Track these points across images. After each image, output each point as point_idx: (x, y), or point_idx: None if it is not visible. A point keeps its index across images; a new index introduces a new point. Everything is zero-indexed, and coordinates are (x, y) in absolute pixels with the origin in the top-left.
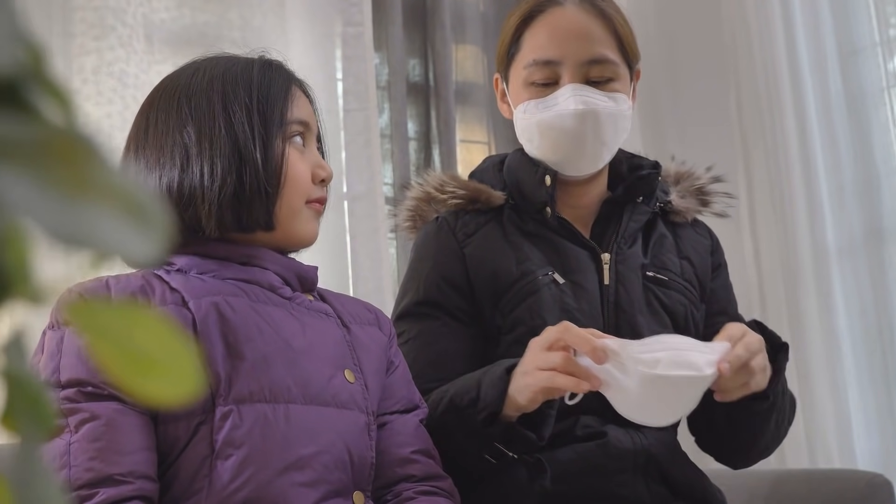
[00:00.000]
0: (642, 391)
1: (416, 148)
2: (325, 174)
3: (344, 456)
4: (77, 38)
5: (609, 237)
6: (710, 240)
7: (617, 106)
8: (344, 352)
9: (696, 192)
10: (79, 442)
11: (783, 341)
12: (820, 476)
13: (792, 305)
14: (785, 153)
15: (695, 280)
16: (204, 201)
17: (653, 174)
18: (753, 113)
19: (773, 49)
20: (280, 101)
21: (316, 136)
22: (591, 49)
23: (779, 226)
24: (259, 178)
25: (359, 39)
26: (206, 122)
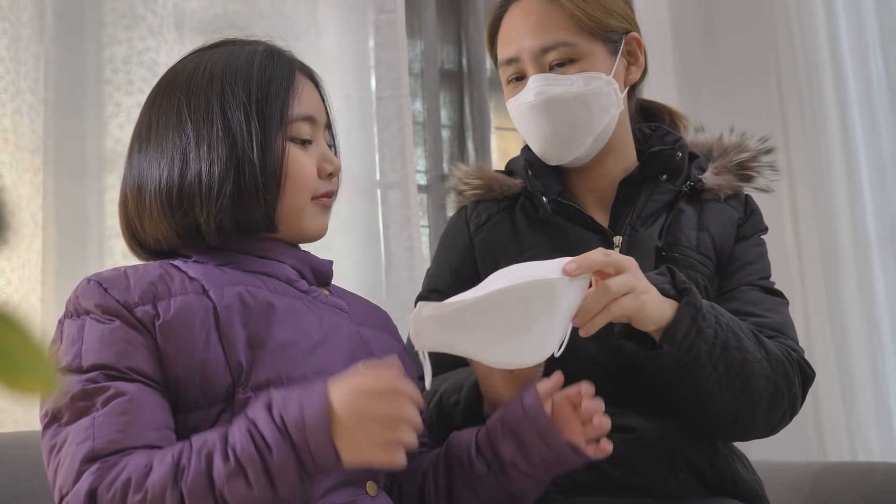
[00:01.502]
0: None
1: (450, 136)
2: (332, 168)
3: None
4: (107, 28)
5: (625, 219)
6: (744, 212)
7: (584, 86)
8: (357, 346)
9: (737, 167)
10: (104, 416)
11: (686, 286)
12: (860, 469)
13: (832, 296)
14: (825, 140)
15: (712, 252)
16: (202, 206)
17: (667, 151)
18: (793, 98)
19: (813, 33)
20: (281, 99)
21: (326, 125)
22: (542, 37)
23: (819, 214)
24: (257, 181)
25: (391, 27)
26: (205, 125)
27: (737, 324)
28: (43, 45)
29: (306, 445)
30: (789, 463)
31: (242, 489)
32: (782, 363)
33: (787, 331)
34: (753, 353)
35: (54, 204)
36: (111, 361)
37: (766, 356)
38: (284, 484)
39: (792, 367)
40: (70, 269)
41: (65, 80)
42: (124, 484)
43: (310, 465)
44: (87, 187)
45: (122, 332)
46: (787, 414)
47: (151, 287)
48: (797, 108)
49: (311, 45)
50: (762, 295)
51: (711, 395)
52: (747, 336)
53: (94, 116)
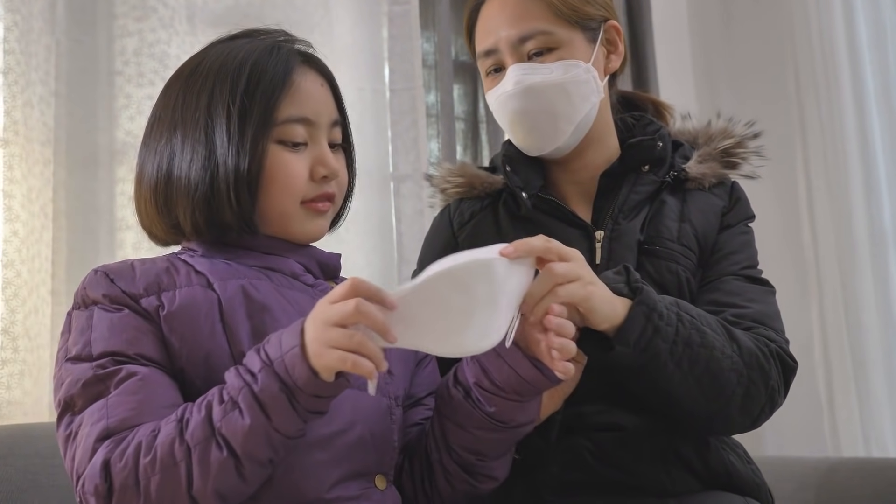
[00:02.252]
0: (434, 307)
1: (464, 128)
2: (325, 171)
3: (365, 437)
4: (119, 20)
5: (607, 212)
6: (729, 200)
7: (563, 74)
8: None
9: (722, 155)
10: (117, 396)
11: (639, 285)
12: (873, 466)
13: (848, 290)
14: (842, 133)
15: (694, 243)
16: (181, 204)
17: (646, 142)
18: (810, 91)
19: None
20: (268, 100)
21: (335, 123)
22: (519, 27)
23: (835, 208)
24: (229, 183)
25: (405, 18)
26: (192, 124)
27: (704, 319)
28: (54, 36)
29: (283, 365)
30: (803, 458)
31: (237, 421)
32: (756, 356)
33: (768, 321)
34: (722, 348)
35: (65, 196)
36: (121, 348)
37: (737, 351)
38: (275, 410)
39: (768, 360)
40: (80, 261)
41: (76, 72)
42: (135, 450)
43: (293, 385)
44: (98, 179)
45: (131, 320)
46: (767, 407)
47: (157, 279)
48: (814, 101)
49: (323, 37)
50: (745, 284)
51: (679, 394)
52: (715, 331)
53: (105, 108)
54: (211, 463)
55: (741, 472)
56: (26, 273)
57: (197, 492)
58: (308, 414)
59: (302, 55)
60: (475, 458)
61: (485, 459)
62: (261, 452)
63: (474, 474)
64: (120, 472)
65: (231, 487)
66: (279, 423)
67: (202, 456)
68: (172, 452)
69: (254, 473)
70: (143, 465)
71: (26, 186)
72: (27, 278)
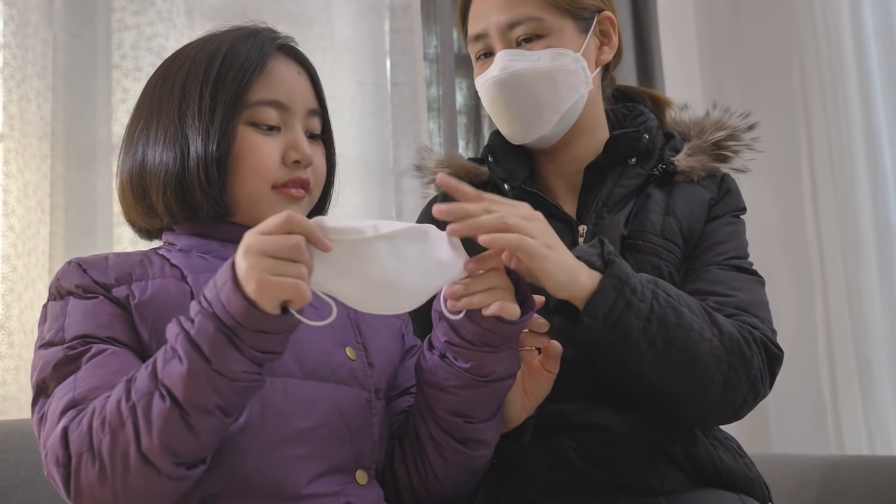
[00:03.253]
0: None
1: (466, 122)
2: (297, 156)
3: (343, 431)
4: (116, 13)
5: (591, 206)
6: (717, 192)
7: (551, 62)
8: (346, 329)
9: (712, 147)
10: (85, 370)
11: (611, 257)
12: (876, 464)
13: (853, 286)
14: (847, 126)
15: (678, 237)
16: (153, 185)
17: (630, 134)
18: (815, 84)
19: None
20: (239, 81)
21: (312, 112)
22: (509, 12)
23: (840, 202)
24: (199, 164)
25: (407, 11)
26: (165, 110)
27: (682, 299)
28: (52, 30)
29: (220, 303)
30: (805, 456)
31: (176, 367)
32: (737, 342)
33: (753, 308)
34: (700, 331)
35: (62, 191)
36: (93, 331)
37: (718, 335)
38: (215, 351)
39: (751, 347)
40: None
41: (73, 66)
42: (90, 415)
43: (232, 323)
44: (96, 174)
45: (105, 306)
46: (749, 397)
47: (129, 270)
48: (819, 95)
49: (323, 30)
50: (730, 273)
51: (653, 375)
52: (695, 313)
53: (103, 103)
54: (154, 416)
55: (731, 468)
56: (22, 268)
57: (146, 448)
58: (257, 354)
59: (280, 44)
60: (463, 421)
61: (472, 421)
62: (204, 398)
63: (465, 441)
64: (76, 440)
65: (180, 441)
66: (220, 364)
67: (145, 410)
68: (119, 411)
69: (202, 424)
70: (95, 428)
71: (23, 181)
72: (23, 273)
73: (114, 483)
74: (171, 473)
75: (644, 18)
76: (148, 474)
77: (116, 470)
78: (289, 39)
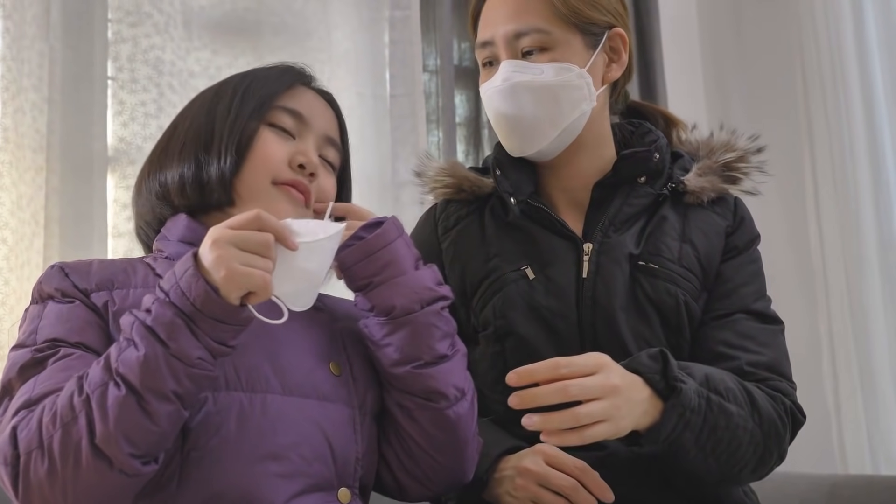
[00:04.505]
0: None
1: (466, 133)
2: (303, 160)
3: (324, 448)
4: (113, 25)
5: (597, 224)
6: (733, 219)
7: (554, 76)
8: (330, 345)
9: (723, 168)
10: (47, 372)
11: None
12: (880, 483)
13: (855, 300)
14: (850, 140)
15: (696, 266)
16: (173, 160)
17: (641, 153)
18: (818, 97)
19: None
20: (268, 88)
21: (327, 140)
22: (516, 22)
23: (843, 216)
24: (220, 150)
25: (406, 23)
26: (198, 105)
27: (731, 394)
28: (48, 42)
29: (178, 291)
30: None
31: (132, 354)
32: (775, 425)
33: (781, 367)
34: (744, 425)
35: (57, 203)
36: (63, 335)
37: (758, 421)
38: (172, 336)
39: (784, 423)
40: None
41: (70, 78)
42: (39, 413)
43: (188, 308)
44: (92, 186)
45: (81, 312)
46: (775, 465)
47: (111, 276)
48: (821, 107)
49: (321, 42)
50: (756, 325)
51: (695, 466)
52: (740, 405)
53: (99, 115)
54: (109, 404)
55: (730, 492)
56: (15, 281)
57: (101, 439)
58: (212, 343)
59: (312, 83)
60: (411, 368)
61: (419, 365)
62: (161, 383)
63: (425, 394)
64: (25, 437)
65: (138, 428)
66: (176, 348)
67: (100, 400)
68: (72, 405)
69: (159, 410)
70: (45, 423)
71: (16, 193)
72: (16, 286)
73: (64, 480)
74: (124, 466)
75: (647, 33)
76: (99, 468)
77: (67, 465)
78: (322, 84)
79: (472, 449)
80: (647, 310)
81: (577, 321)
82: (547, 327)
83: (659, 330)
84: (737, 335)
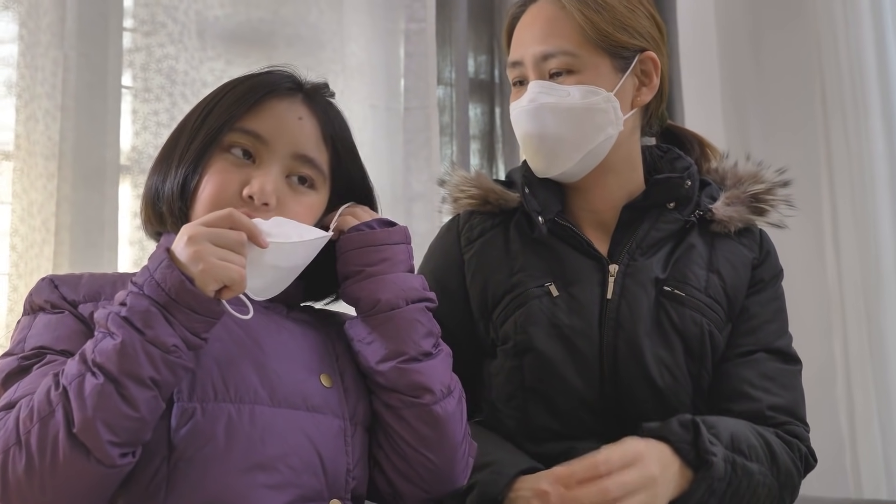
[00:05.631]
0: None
1: (480, 147)
2: (249, 191)
3: (314, 459)
4: (128, 34)
5: (624, 246)
6: (759, 252)
7: (580, 99)
8: (322, 356)
9: (751, 199)
10: (30, 377)
11: (707, 457)
12: None
13: (874, 326)
14: (870, 166)
15: (722, 296)
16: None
17: (674, 179)
18: (838, 122)
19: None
20: (231, 109)
21: (297, 158)
22: (545, 44)
23: (861, 242)
24: (173, 177)
25: (421, 36)
26: (178, 125)
27: (754, 453)
28: (62, 50)
29: (152, 281)
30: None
31: (108, 343)
32: (791, 476)
33: (798, 411)
34: (765, 481)
35: (69, 210)
36: (50, 343)
37: (776, 475)
38: (148, 324)
39: (798, 471)
40: None
41: (83, 86)
42: (17, 411)
43: (163, 298)
44: (103, 194)
45: (69, 322)
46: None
47: (100, 289)
48: (842, 132)
49: (335, 54)
50: (778, 366)
51: None
52: (761, 462)
53: (112, 123)
54: (87, 393)
55: None
56: (23, 288)
57: (79, 428)
58: (187, 333)
59: (301, 88)
60: (397, 363)
61: (405, 360)
62: (139, 369)
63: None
64: (3, 437)
65: (117, 415)
66: (153, 335)
67: (78, 390)
68: (49, 399)
69: (138, 396)
70: (21, 420)
71: (27, 200)
72: (24, 293)
73: (41, 474)
74: (102, 455)
75: None
76: (77, 459)
77: (45, 459)
78: (319, 88)
79: (463, 451)
80: (671, 336)
81: (598, 341)
82: (567, 345)
83: (681, 357)
84: (759, 376)
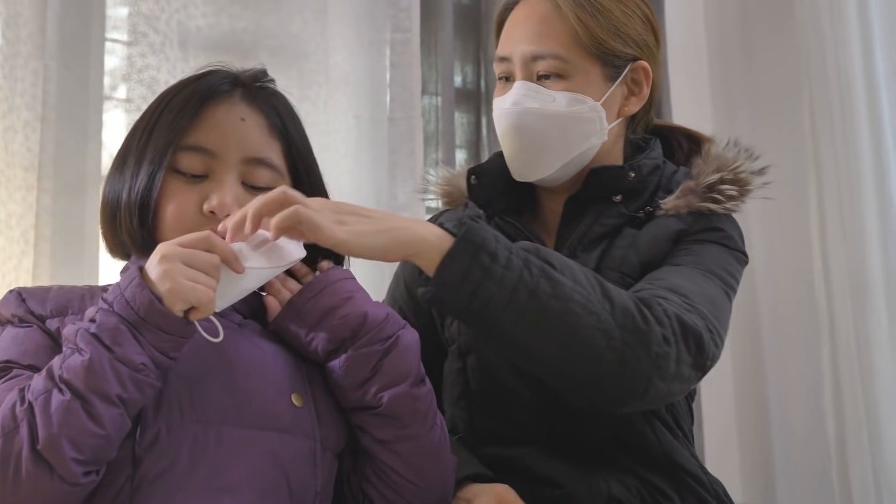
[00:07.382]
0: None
1: (466, 157)
2: (209, 206)
3: (280, 482)
4: (108, 45)
5: (566, 242)
6: (692, 223)
7: (565, 107)
8: (293, 376)
9: (704, 191)
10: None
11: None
12: None
13: (861, 334)
14: (857, 169)
15: (636, 271)
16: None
17: (613, 170)
18: (825, 126)
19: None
20: (172, 126)
21: (247, 162)
22: (535, 44)
23: (849, 247)
24: (124, 207)
25: (406, 46)
26: (123, 146)
27: (567, 269)
28: (43, 61)
29: (122, 299)
30: None
31: (76, 359)
32: (632, 317)
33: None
34: (584, 303)
35: (49, 222)
36: (16, 357)
37: (609, 308)
38: (116, 341)
39: (647, 321)
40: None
41: (64, 97)
42: None
43: (132, 316)
44: (84, 205)
45: (37, 336)
46: (656, 378)
47: (67, 303)
48: (829, 139)
49: (319, 65)
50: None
51: (531, 353)
52: (581, 284)
53: (93, 134)
54: (53, 409)
55: None
56: None
57: (44, 445)
58: (155, 352)
59: (241, 85)
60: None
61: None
62: (107, 386)
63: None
64: None
65: (83, 432)
66: (122, 353)
67: (44, 405)
68: (14, 415)
69: (105, 414)
70: None
71: (5, 212)
72: None
73: (3, 490)
74: (65, 473)
75: None
76: (40, 476)
77: (7, 475)
78: (257, 78)
79: (452, 470)
80: None
81: None
82: None
83: None
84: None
